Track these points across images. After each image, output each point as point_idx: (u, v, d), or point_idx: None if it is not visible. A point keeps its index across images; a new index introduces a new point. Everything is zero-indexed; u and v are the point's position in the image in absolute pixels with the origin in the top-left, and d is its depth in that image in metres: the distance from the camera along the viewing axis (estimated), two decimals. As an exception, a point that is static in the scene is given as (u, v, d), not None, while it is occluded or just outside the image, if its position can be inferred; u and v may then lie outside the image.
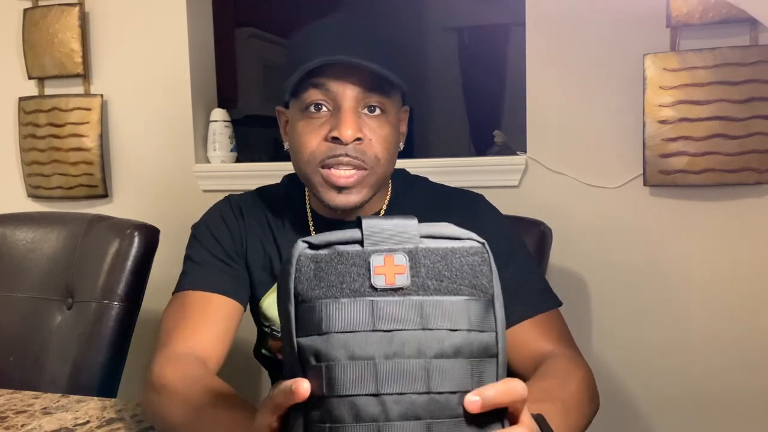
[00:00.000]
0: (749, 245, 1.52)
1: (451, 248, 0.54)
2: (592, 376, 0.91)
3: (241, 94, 3.41)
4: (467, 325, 0.52)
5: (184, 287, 1.00)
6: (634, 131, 1.56)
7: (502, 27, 4.81)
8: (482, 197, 1.08)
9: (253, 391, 1.95)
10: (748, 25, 1.46)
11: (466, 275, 0.53)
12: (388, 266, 0.51)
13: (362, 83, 0.90)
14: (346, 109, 0.90)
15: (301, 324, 0.52)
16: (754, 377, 1.53)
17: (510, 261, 0.98)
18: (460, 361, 0.51)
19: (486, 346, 0.52)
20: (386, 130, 0.93)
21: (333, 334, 0.50)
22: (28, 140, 2.08)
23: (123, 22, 2.01)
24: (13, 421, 0.92)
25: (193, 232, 1.07)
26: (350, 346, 0.50)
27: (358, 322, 0.50)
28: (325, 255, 0.52)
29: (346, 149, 0.90)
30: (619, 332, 1.63)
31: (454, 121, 5.10)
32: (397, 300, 0.51)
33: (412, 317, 0.51)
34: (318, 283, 0.51)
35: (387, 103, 0.93)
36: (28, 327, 1.31)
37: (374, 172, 0.94)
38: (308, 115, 0.93)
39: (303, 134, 0.93)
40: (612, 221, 1.61)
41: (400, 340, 0.50)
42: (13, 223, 1.42)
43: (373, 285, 0.51)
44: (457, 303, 0.52)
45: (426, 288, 0.52)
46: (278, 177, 1.15)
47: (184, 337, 0.93)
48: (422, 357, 0.50)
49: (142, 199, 2.04)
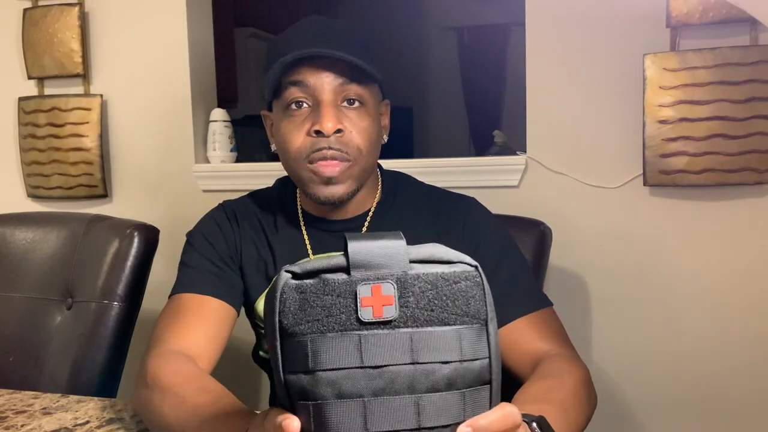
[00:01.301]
0: (749, 245, 1.52)
1: (441, 274, 0.51)
2: (589, 375, 0.91)
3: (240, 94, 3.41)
4: (459, 356, 0.50)
5: (179, 291, 1.02)
6: (634, 131, 1.56)
7: (502, 27, 4.82)
8: (474, 200, 1.09)
9: (253, 391, 1.95)
10: (748, 25, 1.46)
11: (458, 303, 0.51)
12: (376, 297, 0.49)
13: (338, 76, 0.93)
14: (325, 102, 0.93)
15: (287, 360, 0.51)
16: (753, 377, 1.53)
17: (502, 261, 1.00)
18: (453, 394, 0.50)
19: (479, 373, 0.51)
20: (366, 121, 0.96)
21: (320, 372, 0.49)
22: (28, 140, 2.08)
23: (123, 22, 2.01)
24: (13, 421, 0.92)
25: (188, 239, 1.08)
26: (338, 384, 0.49)
27: (345, 358, 0.49)
28: (310, 285, 0.50)
29: (329, 142, 0.93)
30: (618, 332, 1.63)
31: (454, 121, 5.11)
32: (386, 333, 0.49)
33: (402, 351, 0.49)
34: (304, 317, 0.50)
35: (365, 95, 0.96)
36: (28, 327, 1.31)
37: (357, 163, 0.96)
38: (290, 113, 0.96)
39: (287, 132, 0.96)
40: (612, 221, 1.61)
41: (389, 375, 0.49)
42: (13, 223, 1.42)
43: (360, 318, 0.49)
44: (448, 333, 0.50)
45: (416, 319, 0.50)
46: (278, 177, 1.15)
47: (177, 337, 0.94)
48: (413, 392, 0.49)
49: (142, 199, 2.04)
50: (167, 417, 0.81)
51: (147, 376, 0.88)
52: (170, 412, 0.81)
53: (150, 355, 0.91)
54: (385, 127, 1.04)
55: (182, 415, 0.79)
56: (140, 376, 0.90)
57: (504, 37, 4.84)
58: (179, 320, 0.97)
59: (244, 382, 1.92)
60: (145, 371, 0.89)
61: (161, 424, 0.82)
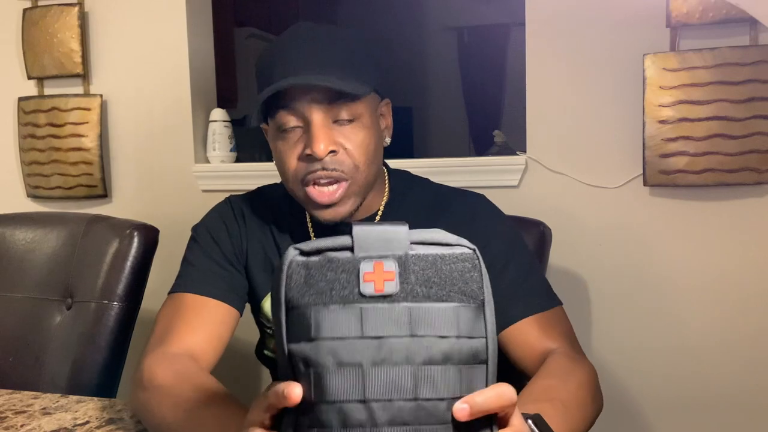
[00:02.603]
0: (749, 245, 1.52)
1: (440, 254, 0.53)
2: (595, 375, 0.91)
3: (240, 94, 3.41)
4: (456, 332, 0.52)
5: (180, 289, 1.00)
6: (634, 131, 1.56)
7: (502, 27, 4.82)
8: (483, 197, 1.08)
9: (252, 391, 1.95)
10: (748, 25, 1.46)
11: (455, 281, 0.53)
12: (378, 273, 0.51)
13: (326, 98, 0.91)
14: (316, 125, 0.91)
15: (291, 330, 0.52)
16: (754, 376, 1.53)
17: (510, 260, 0.99)
18: (449, 368, 0.51)
19: (475, 352, 0.53)
20: (361, 135, 0.93)
21: (322, 340, 0.50)
22: (28, 140, 2.08)
23: (122, 22, 2.01)
24: (13, 421, 0.92)
25: (192, 234, 1.07)
26: (338, 353, 0.50)
27: (346, 328, 0.50)
28: (315, 261, 0.52)
29: (323, 163, 0.91)
30: (618, 332, 1.63)
31: (454, 121, 5.11)
32: (386, 307, 0.51)
33: (401, 324, 0.51)
34: (308, 290, 0.52)
35: (357, 109, 0.93)
36: (27, 327, 1.31)
37: (355, 181, 0.94)
38: (283, 136, 0.94)
39: (282, 152, 0.95)
40: (612, 221, 1.61)
41: (388, 346, 0.50)
42: (13, 223, 1.42)
43: (362, 292, 0.51)
44: (446, 309, 0.52)
45: (415, 294, 0.52)
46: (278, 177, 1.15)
47: (177, 338, 0.93)
48: (410, 364, 0.50)
49: (142, 199, 2.04)
50: (164, 417, 0.81)
51: (143, 376, 0.87)
52: (167, 412, 0.80)
53: (147, 356, 0.91)
54: (388, 128, 1.02)
55: (178, 414, 0.79)
56: (137, 377, 0.89)
57: (504, 37, 4.84)
58: (179, 321, 0.96)
59: (245, 381, 1.93)
60: (141, 372, 0.89)
61: (158, 424, 0.82)
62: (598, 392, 0.90)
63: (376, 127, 0.97)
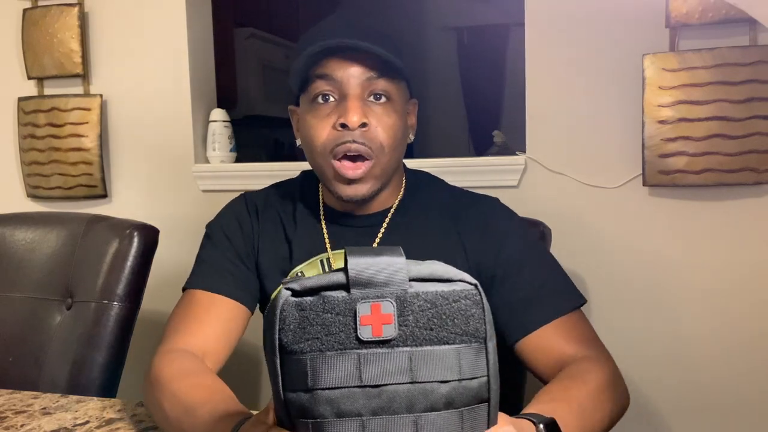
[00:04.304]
0: (749, 245, 1.52)
1: (441, 292, 0.51)
2: (617, 375, 0.90)
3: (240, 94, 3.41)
4: (458, 375, 0.50)
5: (192, 285, 1.02)
6: (634, 131, 1.56)
7: (502, 27, 4.81)
8: (497, 200, 1.08)
9: (253, 391, 1.95)
10: (747, 25, 1.46)
11: (457, 322, 0.51)
12: (375, 315, 0.49)
13: (366, 69, 0.92)
14: (352, 95, 0.92)
15: (287, 378, 0.51)
16: (754, 377, 1.53)
17: (525, 264, 0.98)
18: (451, 413, 0.50)
19: (477, 392, 0.51)
20: (392, 118, 0.95)
21: (319, 390, 0.49)
22: (28, 140, 2.08)
23: (122, 22, 2.01)
24: (13, 421, 0.92)
25: (207, 231, 1.08)
26: (337, 403, 0.49)
27: (344, 377, 0.49)
28: (310, 302, 0.50)
29: (354, 135, 0.92)
30: (618, 332, 1.62)
31: (454, 121, 5.10)
32: (385, 353, 0.49)
33: (401, 370, 0.49)
34: (303, 335, 0.49)
35: (392, 90, 0.95)
36: (27, 327, 1.31)
37: (379, 162, 0.95)
38: (316, 107, 0.95)
39: (312, 125, 0.96)
40: (611, 221, 1.61)
41: (388, 395, 0.49)
42: (13, 223, 1.41)
43: (359, 337, 0.49)
44: (447, 352, 0.50)
45: (415, 338, 0.50)
46: (278, 177, 1.15)
47: (185, 335, 0.95)
48: (412, 412, 0.49)
49: (142, 199, 2.04)
50: (166, 413, 0.82)
51: (151, 373, 0.89)
52: (169, 408, 0.81)
53: (157, 353, 0.92)
54: (412, 127, 1.05)
55: (178, 411, 0.80)
56: (146, 374, 0.91)
57: (504, 37, 4.84)
58: (189, 318, 0.97)
59: (245, 381, 1.93)
60: (150, 369, 0.90)
61: (162, 420, 0.84)
62: (620, 392, 0.89)
63: (404, 118, 1.00)
